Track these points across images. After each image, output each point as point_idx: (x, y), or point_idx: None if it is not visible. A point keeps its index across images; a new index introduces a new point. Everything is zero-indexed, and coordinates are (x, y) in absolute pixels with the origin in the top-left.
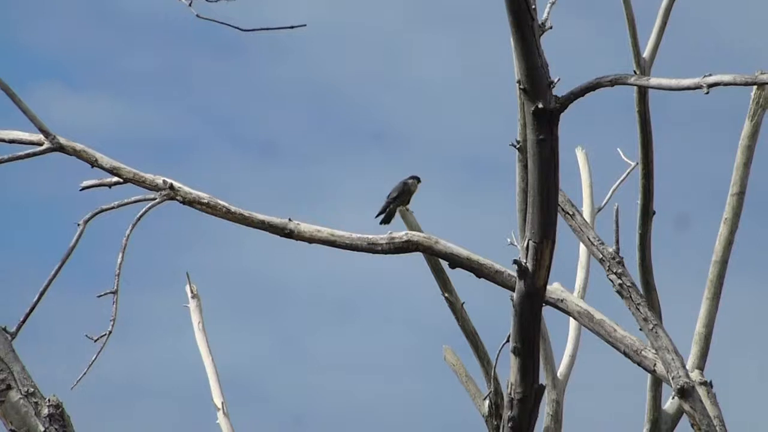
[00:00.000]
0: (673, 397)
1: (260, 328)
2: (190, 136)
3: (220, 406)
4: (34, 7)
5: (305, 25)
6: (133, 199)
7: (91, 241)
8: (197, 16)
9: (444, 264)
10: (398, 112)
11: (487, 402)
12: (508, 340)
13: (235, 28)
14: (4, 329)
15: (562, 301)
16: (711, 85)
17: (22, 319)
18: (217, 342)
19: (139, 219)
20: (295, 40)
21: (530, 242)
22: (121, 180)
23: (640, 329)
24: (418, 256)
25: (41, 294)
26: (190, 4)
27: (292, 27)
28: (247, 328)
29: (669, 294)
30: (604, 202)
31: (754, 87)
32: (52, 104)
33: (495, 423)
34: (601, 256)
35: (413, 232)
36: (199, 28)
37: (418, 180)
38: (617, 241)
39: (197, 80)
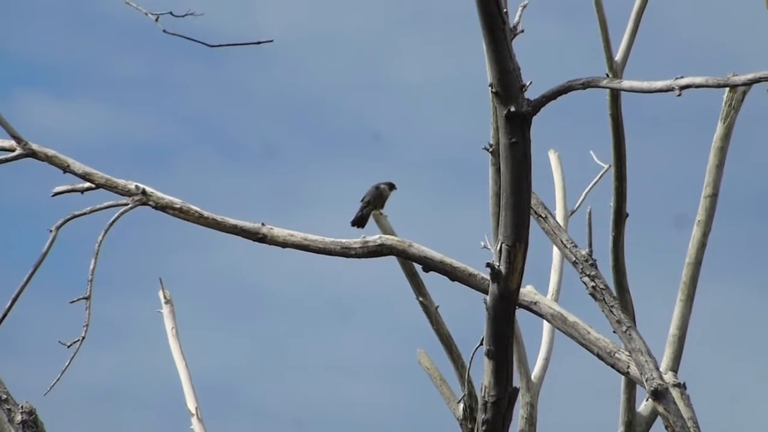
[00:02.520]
0: (647, 399)
1: (241, 333)
2: (175, 142)
3: (194, 411)
4: (19, 15)
5: (272, 41)
6: (105, 204)
7: (65, 248)
8: (164, 31)
9: (418, 267)
10: (379, 116)
11: (461, 405)
12: (481, 343)
13: (202, 43)
14: None
15: (535, 303)
16: (683, 88)
17: None
18: (201, 347)
19: (111, 224)
20: (280, 47)
21: (503, 245)
22: (93, 185)
23: (614, 331)
24: (393, 260)
25: (13, 300)
26: (156, 20)
27: (258, 43)
28: (228, 333)
29: (643, 296)
30: (577, 204)
31: (727, 89)
32: (38, 111)
33: (469, 426)
34: (574, 258)
35: (387, 236)
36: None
37: (393, 187)
38: (590, 244)
39: (183, 87)
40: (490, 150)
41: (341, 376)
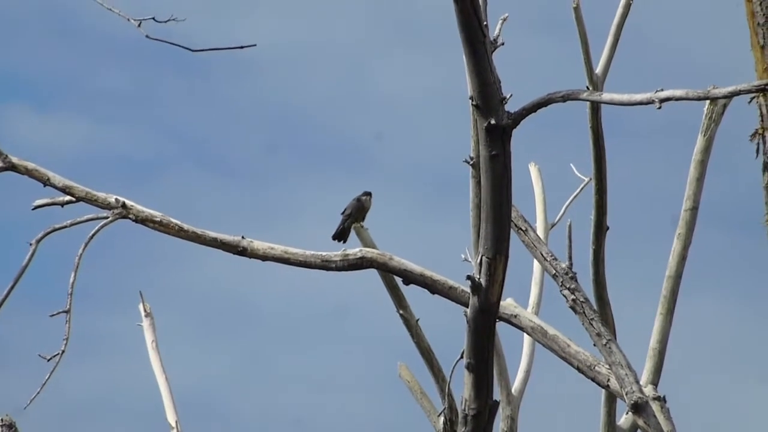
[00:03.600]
0: (627, 413)
1: (223, 345)
2: (157, 155)
3: (174, 424)
4: (1, 29)
5: (255, 45)
6: (85, 217)
7: (45, 261)
8: (147, 36)
9: (398, 280)
10: (361, 129)
11: (441, 418)
12: (462, 356)
13: (185, 48)
14: None
15: (515, 316)
16: (663, 100)
17: None
18: (183, 360)
19: (91, 238)
20: (263, 60)
21: (483, 258)
22: (74, 199)
23: (594, 344)
24: (373, 273)
25: None
26: (139, 25)
27: (242, 47)
28: (210, 345)
29: (623, 309)
30: (558, 217)
31: (707, 102)
32: (19, 124)
33: None
34: (554, 271)
35: (367, 249)
36: (165, 49)
37: (368, 194)
38: (570, 257)
39: (165, 100)
40: (471, 163)
41: (322, 389)
